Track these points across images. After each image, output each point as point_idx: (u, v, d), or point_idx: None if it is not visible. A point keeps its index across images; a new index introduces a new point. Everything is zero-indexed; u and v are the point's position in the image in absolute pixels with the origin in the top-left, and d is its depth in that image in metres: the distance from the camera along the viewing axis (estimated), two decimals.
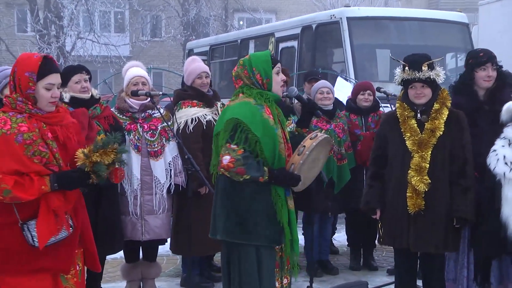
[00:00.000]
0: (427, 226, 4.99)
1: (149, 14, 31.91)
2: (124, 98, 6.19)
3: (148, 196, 6.14)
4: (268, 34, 14.19)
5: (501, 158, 4.80)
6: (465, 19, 12.90)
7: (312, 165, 4.33)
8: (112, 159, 3.71)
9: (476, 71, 5.24)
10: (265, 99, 4.32)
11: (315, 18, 12.99)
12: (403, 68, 5.07)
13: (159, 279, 6.71)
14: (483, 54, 5.30)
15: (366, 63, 11.93)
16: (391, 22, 12.64)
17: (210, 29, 30.30)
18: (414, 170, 4.98)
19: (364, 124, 7.30)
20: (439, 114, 5.05)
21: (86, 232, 3.77)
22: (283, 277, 4.44)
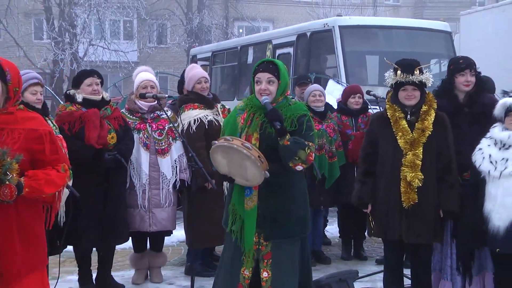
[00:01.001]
0: (418, 219, 4.98)
1: (155, 22, 31.95)
2: (134, 100, 6.21)
3: (155, 190, 6.15)
4: (265, 41, 14.17)
5: (486, 156, 4.79)
6: (448, 28, 12.91)
7: (238, 165, 4.24)
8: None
9: (456, 77, 5.24)
10: (248, 105, 4.41)
11: (310, 26, 12.98)
12: (395, 72, 5.06)
13: (164, 267, 6.71)
14: (462, 61, 5.31)
15: (357, 68, 11.92)
16: (380, 31, 12.65)
17: (212, 37, 30.36)
18: (408, 167, 4.97)
19: (354, 125, 7.30)
20: (427, 115, 5.04)
21: (3, 241, 3.39)
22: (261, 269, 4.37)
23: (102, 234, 5.86)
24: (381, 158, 5.12)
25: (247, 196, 4.32)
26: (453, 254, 5.21)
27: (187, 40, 29.66)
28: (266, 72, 4.35)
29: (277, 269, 4.30)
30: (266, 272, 4.31)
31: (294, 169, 4.27)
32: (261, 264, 4.34)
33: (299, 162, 4.21)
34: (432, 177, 4.98)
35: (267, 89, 4.31)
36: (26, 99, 5.28)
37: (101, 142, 5.68)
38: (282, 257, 4.33)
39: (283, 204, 4.33)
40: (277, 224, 4.30)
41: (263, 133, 4.32)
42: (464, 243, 5.04)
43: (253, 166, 4.15)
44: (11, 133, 3.43)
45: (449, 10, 32.05)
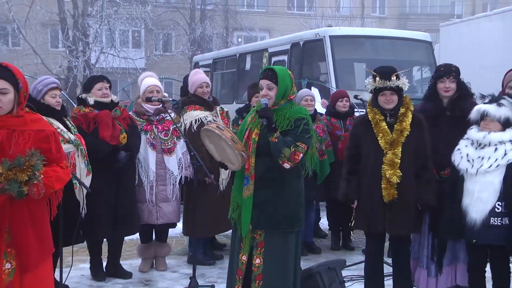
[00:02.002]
0: (399, 212, 4.99)
1: (161, 32, 31.94)
2: (141, 104, 6.23)
3: (162, 186, 6.18)
4: (262, 49, 14.15)
5: (464, 156, 4.79)
6: (429, 38, 12.92)
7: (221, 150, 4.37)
8: (28, 175, 3.32)
9: (437, 83, 5.25)
10: (258, 107, 4.52)
11: (303, 36, 12.97)
12: (374, 78, 5.08)
13: (169, 257, 6.73)
14: (443, 68, 5.30)
15: (346, 74, 11.90)
16: (367, 40, 12.64)
17: (213, 45, 30.36)
18: (388, 165, 4.98)
19: (343, 126, 7.33)
20: (405, 117, 5.05)
21: (18, 234, 3.45)
22: (254, 256, 4.38)
23: (115, 226, 5.89)
24: (364, 158, 5.13)
25: (245, 185, 4.37)
26: (429, 244, 5.24)
27: (190, 48, 29.65)
28: (266, 79, 4.45)
29: (268, 258, 4.32)
30: (259, 259, 4.33)
31: (283, 167, 4.31)
32: (254, 251, 4.36)
33: (285, 159, 4.26)
34: (410, 174, 4.99)
35: (267, 94, 4.42)
36: (46, 102, 5.32)
37: (114, 141, 5.70)
38: (274, 247, 4.35)
39: (272, 197, 4.36)
40: (263, 215, 4.33)
41: (263, 130, 4.41)
42: (443, 236, 5.05)
43: (227, 147, 4.25)
44: (22, 134, 3.47)
45: (430, 22, 32.10)
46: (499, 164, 4.64)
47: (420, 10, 38.47)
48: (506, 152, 4.65)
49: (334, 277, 5.22)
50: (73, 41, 26.11)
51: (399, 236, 5.18)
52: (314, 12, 32.96)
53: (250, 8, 35.21)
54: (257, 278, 4.30)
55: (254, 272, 4.32)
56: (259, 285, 4.28)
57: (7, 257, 3.43)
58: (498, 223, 4.63)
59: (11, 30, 28.68)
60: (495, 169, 4.65)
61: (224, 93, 15.55)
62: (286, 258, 4.40)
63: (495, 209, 4.63)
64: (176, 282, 6.05)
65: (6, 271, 3.41)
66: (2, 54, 28.72)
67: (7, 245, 3.43)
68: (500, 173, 4.64)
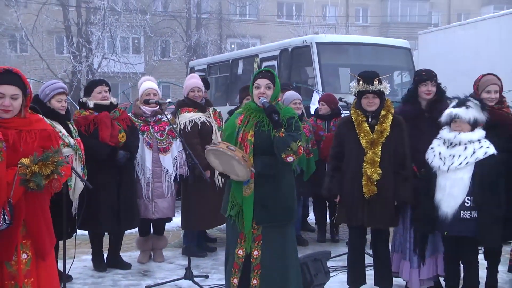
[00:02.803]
0: (378, 207, 4.99)
1: (159, 39, 31.96)
2: (139, 106, 6.21)
3: (157, 183, 6.16)
4: (253, 55, 14.14)
5: (437, 154, 4.82)
6: (408, 45, 12.95)
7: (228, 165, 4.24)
8: (51, 170, 3.35)
9: (419, 86, 5.25)
10: (246, 108, 4.42)
11: (291, 42, 12.96)
12: (357, 82, 5.08)
13: (166, 249, 6.70)
14: (425, 73, 5.30)
15: (331, 78, 11.89)
16: (351, 47, 12.65)
17: (208, 51, 30.40)
18: (369, 163, 4.98)
19: (327, 127, 7.31)
20: (385, 119, 5.05)
21: (33, 226, 3.50)
22: (252, 249, 4.33)
23: (116, 220, 5.87)
24: (346, 156, 5.12)
25: (245, 184, 4.29)
26: (412, 238, 5.24)
27: (187, 54, 29.65)
28: (265, 79, 4.36)
29: (265, 249, 4.29)
30: (257, 251, 4.29)
31: (286, 160, 4.22)
32: (252, 244, 4.31)
33: (291, 153, 4.17)
34: (389, 172, 4.98)
35: (265, 93, 4.32)
36: (52, 106, 5.30)
37: (113, 141, 5.67)
38: (271, 240, 4.31)
39: (273, 193, 4.30)
40: (266, 210, 4.27)
41: (258, 130, 4.32)
42: (419, 228, 5.06)
43: (239, 164, 4.15)
44: (29, 133, 3.49)
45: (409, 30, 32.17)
46: (468, 162, 4.68)
47: (400, 19, 38.56)
48: (475, 150, 4.70)
49: (320, 268, 5.20)
50: (77, 47, 26.11)
51: (378, 229, 5.19)
52: (302, 21, 32.96)
53: (242, 17, 35.21)
54: (255, 268, 4.28)
55: (253, 263, 4.30)
56: (258, 274, 4.27)
57: (24, 248, 3.48)
58: (468, 216, 4.68)
59: (19, 37, 28.59)
60: (465, 166, 4.69)
61: (218, 95, 15.53)
62: (285, 249, 4.37)
63: (464, 203, 4.68)
64: (172, 273, 6.02)
65: (23, 261, 3.47)
66: (11, 59, 28.71)
67: (23, 237, 3.48)
68: (469, 170, 4.68)
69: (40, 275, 3.53)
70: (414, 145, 5.04)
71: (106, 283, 5.70)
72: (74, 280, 5.74)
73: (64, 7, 27.01)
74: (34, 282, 3.49)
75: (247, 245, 4.35)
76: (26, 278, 3.46)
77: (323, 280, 5.22)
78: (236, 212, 4.34)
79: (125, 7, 27.51)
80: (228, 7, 34.07)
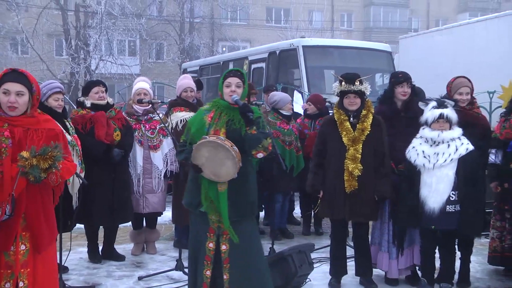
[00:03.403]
0: (359, 202, 5.00)
1: (154, 42, 31.85)
2: (132, 105, 6.19)
3: (148, 179, 6.14)
4: (243, 57, 14.12)
5: (420, 153, 4.81)
6: (389, 49, 12.98)
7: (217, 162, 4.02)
8: (49, 164, 3.35)
9: (395, 87, 5.25)
10: (215, 106, 4.26)
11: (279, 46, 12.96)
12: (340, 83, 5.08)
13: (158, 242, 6.68)
14: (401, 75, 5.32)
15: (317, 80, 11.91)
16: (335, 50, 12.68)
17: (201, 54, 30.28)
18: (350, 160, 4.98)
19: (312, 126, 7.31)
20: (366, 118, 5.06)
21: (32, 219, 3.50)
22: (221, 243, 4.19)
23: (111, 214, 5.84)
24: (329, 153, 5.12)
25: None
26: (390, 231, 5.25)
27: (180, 56, 29.54)
28: (236, 77, 4.23)
29: (233, 244, 4.17)
30: (225, 245, 4.19)
31: (255, 157, 4.14)
32: (221, 238, 4.20)
33: (262, 149, 4.09)
34: (369, 168, 4.99)
35: (235, 91, 4.20)
36: (49, 104, 5.28)
37: (109, 139, 5.64)
38: (238, 234, 4.17)
39: (241, 189, 4.18)
40: (234, 206, 4.14)
41: (229, 128, 4.16)
42: (402, 223, 5.06)
43: (232, 166, 4.01)
44: (36, 132, 3.51)
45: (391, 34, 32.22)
46: (452, 159, 4.71)
47: (382, 25, 38.64)
48: (457, 147, 4.73)
49: (304, 259, 5.19)
50: (76, 49, 25.95)
51: (359, 223, 5.19)
52: (290, 25, 32.97)
53: (233, 21, 35.10)
54: (225, 262, 4.19)
55: (222, 257, 4.21)
56: (227, 268, 4.18)
57: (22, 240, 3.49)
58: (452, 210, 4.72)
59: (20, 40, 28.43)
60: (449, 163, 4.71)
61: (209, 96, 15.45)
62: (251, 242, 4.26)
63: (450, 197, 4.71)
64: (164, 264, 6.00)
65: (21, 251, 3.48)
66: (13, 61, 28.59)
67: (22, 229, 3.48)
68: (453, 166, 4.72)
69: (37, 266, 3.53)
70: (391, 143, 5.04)
71: (101, 274, 5.68)
72: (70, 271, 5.71)
73: (63, 11, 26.86)
74: (30, 272, 3.48)
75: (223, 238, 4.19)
76: (23, 268, 3.46)
77: (307, 271, 5.21)
78: (208, 207, 4.17)
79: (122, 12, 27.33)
80: (220, 12, 33.99)
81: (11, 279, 3.44)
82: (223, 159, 4.01)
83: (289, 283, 5.10)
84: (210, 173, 4.07)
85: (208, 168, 4.07)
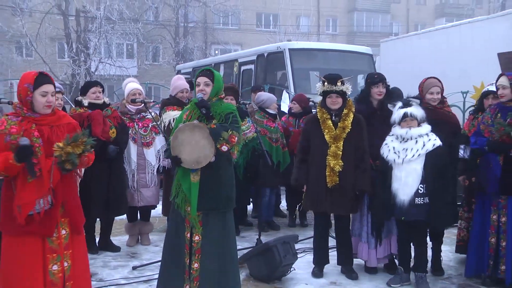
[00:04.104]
0: (339, 196, 4.99)
1: (150, 45, 31.79)
2: (125, 104, 6.16)
3: (142, 174, 6.11)
4: (233, 60, 14.07)
5: (391, 149, 4.83)
6: (370, 52, 12.98)
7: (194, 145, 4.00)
8: (82, 149, 3.50)
9: (371, 88, 5.24)
10: (191, 105, 4.27)
11: (266, 49, 12.93)
12: (323, 83, 5.06)
13: (152, 233, 6.64)
14: (377, 76, 5.32)
15: (302, 81, 11.88)
16: (320, 52, 12.65)
17: (194, 56, 30.19)
18: (332, 156, 4.97)
19: (296, 124, 7.29)
20: (347, 117, 5.04)
21: (70, 206, 3.65)
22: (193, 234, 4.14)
23: (106, 208, 5.81)
24: (312, 149, 5.11)
25: (193, 171, 4.09)
26: (369, 223, 5.24)
27: (175, 59, 29.53)
28: (204, 77, 4.21)
29: (205, 235, 4.13)
30: (198, 236, 4.14)
31: (221, 150, 4.04)
32: (193, 230, 4.16)
33: (224, 142, 4.01)
34: (350, 164, 4.98)
35: (204, 90, 4.17)
36: None
37: (105, 136, 5.59)
38: (211, 226, 4.15)
39: (214, 182, 4.13)
40: (205, 198, 4.09)
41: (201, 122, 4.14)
42: (377, 215, 5.05)
43: (209, 145, 3.98)
44: (58, 128, 3.65)
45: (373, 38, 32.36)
46: (420, 154, 4.72)
47: (365, 29, 38.74)
48: (425, 143, 4.74)
49: (288, 249, 5.19)
50: (76, 52, 25.84)
51: (340, 215, 5.19)
52: (278, 29, 32.91)
53: (225, 26, 35.04)
54: (197, 252, 4.13)
55: (194, 247, 4.15)
56: (198, 258, 4.12)
57: (63, 225, 3.66)
58: (421, 202, 4.72)
59: (24, 43, 28.26)
60: (417, 158, 4.72)
61: None
62: (224, 235, 4.19)
63: (418, 190, 4.71)
64: (157, 255, 5.92)
65: (63, 236, 3.65)
66: (17, 63, 28.69)
67: (62, 215, 3.64)
68: (421, 161, 4.72)
69: (75, 247, 3.71)
70: (368, 140, 5.03)
71: (97, 264, 5.63)
72: None
73: (64, 16, 26.75)
74: (71, 253, 3.68)
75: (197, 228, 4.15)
76: (66, 250, 3.65)
77: (291, 261, 5.20)
78: (181, 199, 4.14)
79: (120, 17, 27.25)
80: (212, 17, 33.92)
81: (57, 261, 3.61)
82: (199, 140, 4.00)
83: (274, 272, 5.09)
84: (190, 160, 4.03)
85: (188, 155, 4.02)
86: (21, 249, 3.54)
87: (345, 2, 39.21)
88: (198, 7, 32.15)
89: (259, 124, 6.85)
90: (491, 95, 5.43)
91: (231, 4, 32.19)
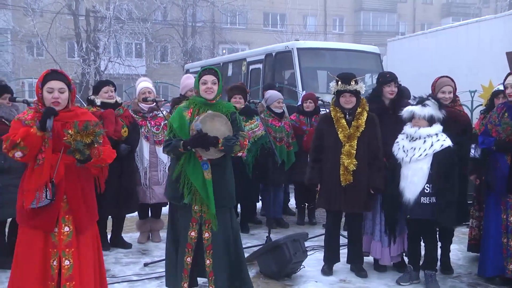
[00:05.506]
0: (353, 194, 4.97)
1: (159, 44, 31.80)
2: (137, 103, 6.15)
3: (154, 172, 6.11)
4: (241, 59, 14.03)
5: (401, 147, 4.82)
6: (378, 51, 12.90)
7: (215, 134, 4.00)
8: (91, 139, 3.47)
9: (383, 87, 5.22)
10: (192, 103, 4.20)
11: (275, 48, 12.88)
12: (336, 82, 5.04)
13: (162, 230, 6.57)
14: (389, 75, 5.29)
15: (310, 80, 11.83)
16: (328, 52, 12.57)
17: (202, 55, 30.24)
18: (345, 155, 4.95)
19: (309, 123, 7.26)
20: (361, 116, 5.02)
21: (74, 205, 3.62)
22: (203, 231, 4.16)
23: (118, 205, 5.83)
24: (326, 148, 5.08)
25: (205, 169, 4.08)
26: (382, 221, 5.20)
27: (183, 58, 29.57)
28: (212, 75, 4.17)
29: (214, 231, 4.15)
30: (207, 233, 4.16)
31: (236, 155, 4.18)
32: (203, 227, 4.16)
33: (237, 151, 4.12)
34: (364, 163, 4.96)
35: (211, 88, 4.14)
36: None
37: (117, 135, 5.59)
38: (219, 222, 4.15)
39: (220, 179, 4.13)
40: (215, 195, 4.08)
41: None
42: (387, 212, 5.03)
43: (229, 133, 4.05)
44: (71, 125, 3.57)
45: (379, 38, 32.24)
46: (427, 154, 4.69)
47: (371, 28, 38.64)
48: (433, 143, 4.71)
49: (298, 247, 5.17)
50: (86, 52, 25.95)
51: (352, 213, 5.17)
52: (286, 29, 32.87)
53: (232, 25, 35.03)
54: (207, 249, 4.16)
55: (205, 244, 4.17)
56: (210, 254, 4.15)
57: (65, 222, 3.62)
58: (427, 201, 4.70)
59: (35, 43, 28.45)
60: (424, 158, 4.69)
61: None
62: (231, 230, 4.24)
63: (424, 190, 4.69)
64: None
65: (65, 233, 3.61)
66: (29, 62, 28.84)
67: (65, 212, 3.61)
68: (428, 160, 4.69)
69: (80, 247, 3.65)
70: (382, 138, 5.00)
71: (109, 261, 5.63)
72: None
73: (74, 16, 26.86)
74: (74, 252, 3.61)
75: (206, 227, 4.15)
76: (67, 248, 3.59)
77: (301, 258, 5.19)
78: (191, 199, 4.11)
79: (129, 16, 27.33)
80: (220, 16, 33.92)
81: (56, 257, 3.58)
82: (219, 128, 4.05)
83: (284, 270, 5.08)
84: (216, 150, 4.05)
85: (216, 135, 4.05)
86: (26, 239, 3.60)
87: (352, 1, 39.12)
88: (206, 6, 32.16)
89: (265, 123, 6.84)
90: (501, 94, 5.40)
91: (239, 4, 32.17)
